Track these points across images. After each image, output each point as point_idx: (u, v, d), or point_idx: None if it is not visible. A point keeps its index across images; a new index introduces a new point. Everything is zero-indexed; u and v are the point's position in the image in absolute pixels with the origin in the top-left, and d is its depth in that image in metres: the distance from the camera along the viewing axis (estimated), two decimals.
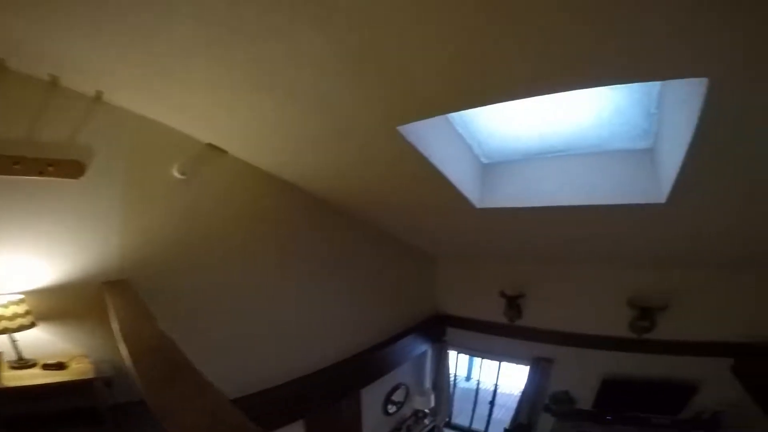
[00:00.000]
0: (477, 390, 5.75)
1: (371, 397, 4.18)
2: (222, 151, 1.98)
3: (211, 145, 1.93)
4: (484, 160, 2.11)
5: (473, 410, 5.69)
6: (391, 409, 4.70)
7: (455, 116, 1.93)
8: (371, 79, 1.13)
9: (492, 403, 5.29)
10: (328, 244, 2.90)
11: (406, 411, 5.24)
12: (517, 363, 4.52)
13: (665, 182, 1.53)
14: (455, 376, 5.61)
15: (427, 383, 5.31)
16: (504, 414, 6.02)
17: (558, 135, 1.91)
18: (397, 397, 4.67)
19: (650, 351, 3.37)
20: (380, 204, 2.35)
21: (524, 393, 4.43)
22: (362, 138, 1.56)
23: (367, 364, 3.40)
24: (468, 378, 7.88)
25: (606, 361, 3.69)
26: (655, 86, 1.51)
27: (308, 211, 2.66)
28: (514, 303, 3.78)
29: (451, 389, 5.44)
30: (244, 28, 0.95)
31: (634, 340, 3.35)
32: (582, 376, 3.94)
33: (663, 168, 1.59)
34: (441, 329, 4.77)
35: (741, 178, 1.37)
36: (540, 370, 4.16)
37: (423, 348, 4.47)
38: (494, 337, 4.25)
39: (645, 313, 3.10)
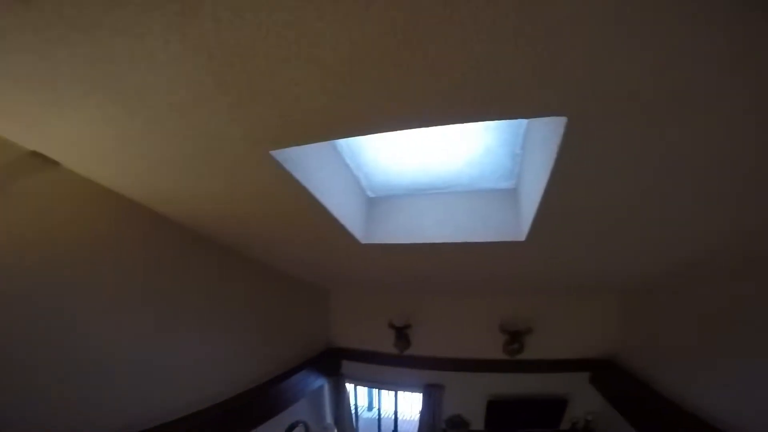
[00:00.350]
0: (379, 420, 5.70)
1: None
2: (53, 162, 1.61)
3: (36, 154, 1.55)
4: (370, 194, 2.13)
5: None
6: None
7: (344, 146, 1.90)
8: (241, 93, 1.01)
9: (395, 431, 5.27)
10: (203, 275, 2.58)
11: None
12: (411, 391, 4.59)
13: (525, 221, 1.71)
14: (356, 407, 5.47)
15: (328, 418, 5.04)
16: None
17: (438, 172, 2.02)
18: None
19: (523, 371, 3.72)
20: (261, 236, 2.17)
21: (421, 420, 4.50)
22: (230, 160, 1.41)
23: (257, 403, 3.04)
24: (370, 408, 7.78)
25: (489, 383, 3.97)
26: (521, 126, 1.67)
27: (181, 241, 2.34)
28: (402, 333, 3.88)
29: (354, 421, 5.28)
30: (81, 20, 0.77)
31: (509, 362, 3.68)
32: (470, 399, 4.17)
33: (523, 207, 1.77)
34: (336, 362, 4.64)
35: (592, 219, 1.57)
36: (432, 396, 4.26)
37: (319, 383, 4.25)
38: (387, 367, 4.27)
39: (514, 337, 3.45)
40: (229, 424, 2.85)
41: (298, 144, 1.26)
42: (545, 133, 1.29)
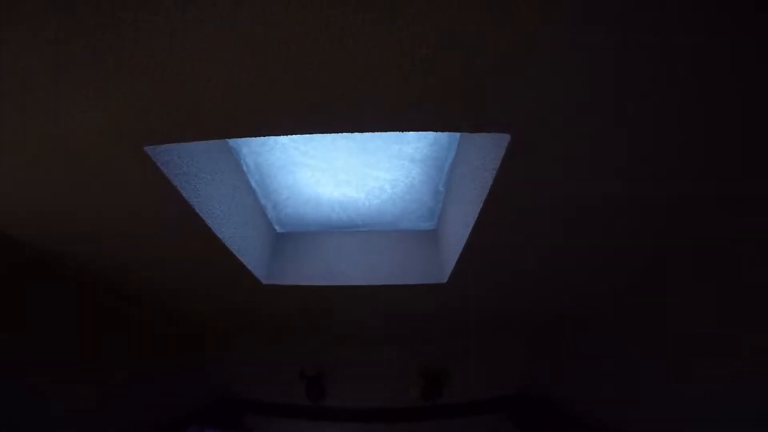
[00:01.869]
0: None
1: None
2: None
3: None
4: (278, 228, 1.81)
5: None
6: None
7: (252, 167, 1.60)
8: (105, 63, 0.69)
9: None
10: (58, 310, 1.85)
11: None
12: None
13: (447, 262, 1.60)
14: None
15: None
16: None
17: (358, 209, 1.84)
18: None
19: (445, 416, 3.53)
20: (136, 259, 1.64)
21: None
22: (91, 157, 1.00)
23: None
24: None
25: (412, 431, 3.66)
26: (446, 160, 1.60)
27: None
28: (314, 383, 3.46)
29: None
30: None
31: (428, 408, 3.48)
32: None
33: (445, 248, 1.67)
34: (237, 416, 3.91)
35: (517, 258, 1.52)
36: None
37: None
38: (299, 420, 3.78)
39: (431, 381, 3.29)
40: None
41: (184, 140, 0.94)
42: (476, 165, 1.22)
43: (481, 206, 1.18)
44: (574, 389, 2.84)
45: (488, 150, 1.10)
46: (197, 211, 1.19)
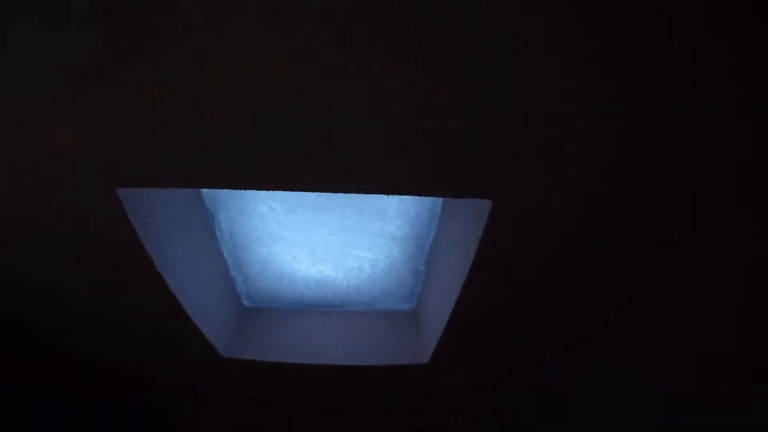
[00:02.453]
0: None
1: None
2: None
3: None
4: (246, 302, 1.65)
5: None
6: None
7: (226, 234, 1.54)
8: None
9: None
10: None
11: None
12: None
13: (428, 342, 1.46)
14: None
15: None
16: None
17: (335, 288, 1.74)
18: None
19: None
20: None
21: None
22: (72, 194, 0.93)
23: None
24: None
25: None
26: (428, 238, 1.59)
27: None
28: None
29: None
30: None
31: None
32: None
33: (426, 327, 1.55)
34: None
35: (500, 331, 1.41)
36: None
37: None
38: None
39: None
40: None
41: (162, 185, 0.90)
42: (458, 239, 1.24)
43: (463, 281, 1.15)
44: None
45: (469, 221, 1.13)
46: (156, 265, 1.08)
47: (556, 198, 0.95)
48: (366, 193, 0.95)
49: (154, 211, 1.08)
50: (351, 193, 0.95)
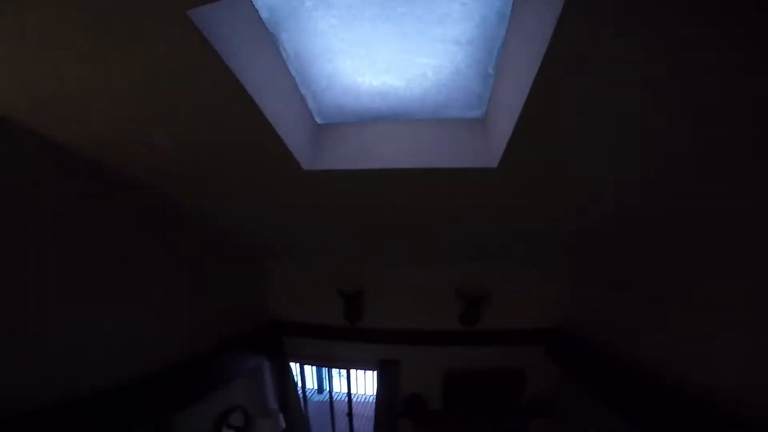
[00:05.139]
0: (331, 402, 5.33)
1: (193, 426, 3.35)
2: None
3: None
4: (319, 119, 1.82)
5: (332, 426, 5.32)
6: None
7: (291, 54, 1.58)
8: None
9: (350, 414, 4.97)
10: (112, 228, 2.13)
11: None
12: (364, 369, 4.33)
13: (497, 146, 1.52)
14: (304, 389, 5.13)
15: (272, 402, 4.63)
16: (365, 424, 5.84)
17: (399, 98, 1.77)
18: (235, 421, 3.89)
19: (481, 343, 3.57)
20: (185, 169, 1.77)
21: (377, 401, 4.21)
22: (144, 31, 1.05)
23: (179, 385, 2.62)
24: (320, 390, 7.41)
25: (446, 356, 3.77)
26: (497, 40, 1.46)
27: (85, 180, 1.88)
28: (352, 302, 3.54)
29: (303, 405, 4.88)
30: None
31: (465, 332, 3.51)
32: (427, 375, 3.96)
33: (496, 132, 1.58)
34: (277, 338, 4.20)
35: (572, 146, 1.41)
36: (388, 373, 4.00)
37: (256, 362, 3.83)
38: (337, 342, 3.92)
39: (471, 304, 3.26)
40: (147, 408, 2.41)
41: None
42: (531, 33, 1.09)
43: (533, 81, 1.06)
44: (615, 327, 2.69)
45: (543, 13, 0.97)
46: (240, 80, 1.21)
47: None
48: None
49: (223, 30, 1.14)
50: None
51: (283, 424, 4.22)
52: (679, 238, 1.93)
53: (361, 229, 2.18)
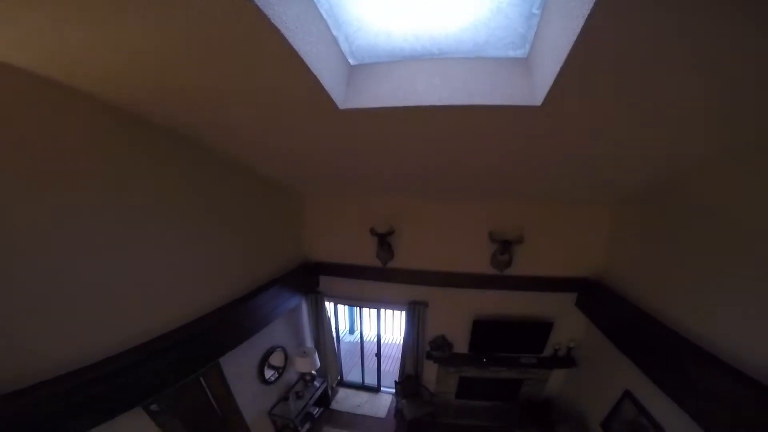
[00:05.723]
0: (362, 342, 5.68)
1: (239, 366, 3.66)
2: None
3: None
4: (351, 60, 1.76)
5: (362, 365, 5.70)
6: (272, 376, 4.24)
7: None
8: None
9: (378, 355, 5.30)
10: (157, 178, 2.24)
11: (291, 376, 4.83)
12: (394, 309, 4.53)
13: (541, 85, 1.43)
14: (337, 330, 5.40)
15: (308, 342, 5.01)
16: (392, 365, 6.22)
17: (435, 37, 1.67)
18: (276, 361, 4.24)
19: (511, 287, 3.61)
20: (224, 112, 1.78)
21: (405, 341, 4.50)
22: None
23: (224, 326, 2.86)
24: (351, 331, 7.83)
25: (475, 301, 3.87)
26: None
27: (124, 135, 1.97)
28: (385, 242, 3.63)
29: (336, 345, 5.25)
30: None
31: (496, 277, 3.55)
32: (455, 318, 4.12)
33: (541, 70, 1.48)
34: (313, 278, 4.42)
35: (618, 88, 1.32)
36: (416, 314, 4.20)
37: (294, 302, 4.08)
38: (369, 282, 4.11)
39: (504, 247, 3.25)
40: (196, 350, 2.64)
41: None
42: None
43: (583, 21, 0.97)
44: (651, 281, 2.63)
45: None
46: (274, 23, 1.17)
47: None
48: None
49: None
50: None
51: (318, 363, 4.59)
52: (718, 195, 1.85)
53: (395, 168, 2.17)
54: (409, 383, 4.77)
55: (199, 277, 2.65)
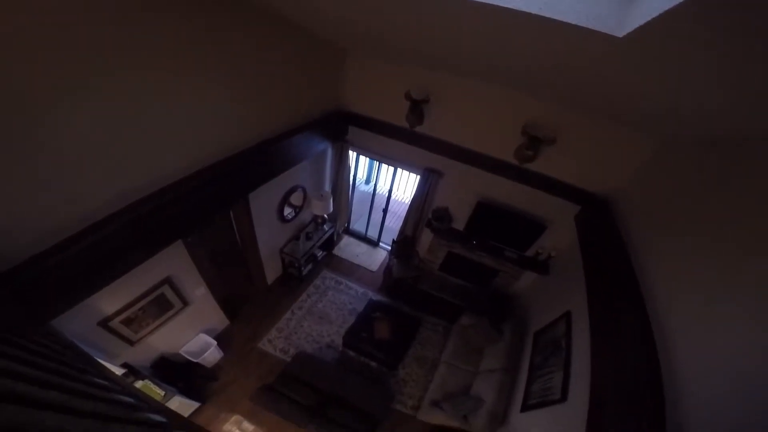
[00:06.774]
0: (374, 194, 6.06)
1: (264, 200, 4.06)
2: None
3: None
4: None
5: (369, 216, 6.20)
6: (289, 214, 4.73)
7: None
8: None
9: (385, 210, 5.71)
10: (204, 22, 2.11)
11: (305, 217, 5.33)
12: (410, 171, 4.72)
13: (636, 14, 1.16)
14: (355, 178, 5.67)
15: (327, 186, 5.39)
16: (395, 222, 6.64)
17: None
18: (295, 200, 4.68)
19: (523, 180, 3.69)
20: None
21: (412, 203, 4.83)
22: None
23: (257, 162, 3.08)
24: (368, 182, 8.27)
25: (486, 183, 4.01)
26: None
27: None
28: (417, 107, 3.58)
29: (351, 193, 5.64)
30: None
31: (514, 167, 3.60)
32: (462, 195, 4.34)
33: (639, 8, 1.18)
34: (343, 128, 4.51)
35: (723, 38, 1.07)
36: (429, 181, 4.41)
37: (322, 146, 4.26)
38: (394, 141, 4.20)
39: (533, 143, 3.20)
40: (232, 184, 2.89)
41: None
42: None
43: None
44: (647, 220, 2.60)
45: None
46: None
47: None
48: None
49: None
50: None
51: (331, 208, 5.07)
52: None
53: (442, 38, 1.95)
54: (404, 245, 5.26)
55: (234, 117, 2.74)
